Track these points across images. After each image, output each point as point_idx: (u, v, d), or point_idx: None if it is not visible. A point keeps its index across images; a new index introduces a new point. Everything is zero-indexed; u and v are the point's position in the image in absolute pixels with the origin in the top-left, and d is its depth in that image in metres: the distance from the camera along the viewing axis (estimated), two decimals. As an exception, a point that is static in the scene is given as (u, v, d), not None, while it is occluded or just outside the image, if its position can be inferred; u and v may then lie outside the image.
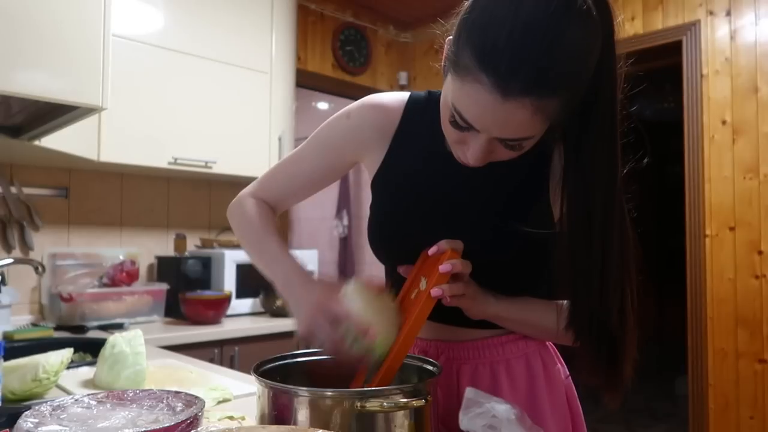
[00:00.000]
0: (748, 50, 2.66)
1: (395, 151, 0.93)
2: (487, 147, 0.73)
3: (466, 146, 0.76)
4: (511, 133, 0.70)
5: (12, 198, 2.32)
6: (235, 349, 2.31)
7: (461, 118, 0.71)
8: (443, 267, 0.77)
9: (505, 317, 0.88)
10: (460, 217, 0.89)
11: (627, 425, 4.14)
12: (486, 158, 0.76)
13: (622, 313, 0.78)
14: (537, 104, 0.66)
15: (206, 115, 2.52)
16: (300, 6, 3.24)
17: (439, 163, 0.88)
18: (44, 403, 0.74)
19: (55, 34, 1.37)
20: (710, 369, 2.73)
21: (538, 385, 0.92)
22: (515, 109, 0.67)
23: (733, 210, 2.69)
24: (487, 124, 0.70)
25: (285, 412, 0.73)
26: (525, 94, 0.65)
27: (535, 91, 0.65)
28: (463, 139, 0.75)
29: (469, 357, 0.93)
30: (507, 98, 0.66)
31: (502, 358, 0.92)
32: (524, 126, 0.69)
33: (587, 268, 0.77)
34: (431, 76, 3.86)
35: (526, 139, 0.72)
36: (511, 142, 0.72)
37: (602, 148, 0.75)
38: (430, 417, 0.76)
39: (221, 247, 2.70)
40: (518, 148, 0.73)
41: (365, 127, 0.94)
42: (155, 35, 2.37)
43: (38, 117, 1.68)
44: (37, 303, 2.38)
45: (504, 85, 0.65)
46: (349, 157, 0.98)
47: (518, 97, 0.66)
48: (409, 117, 0.93)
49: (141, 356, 1.24)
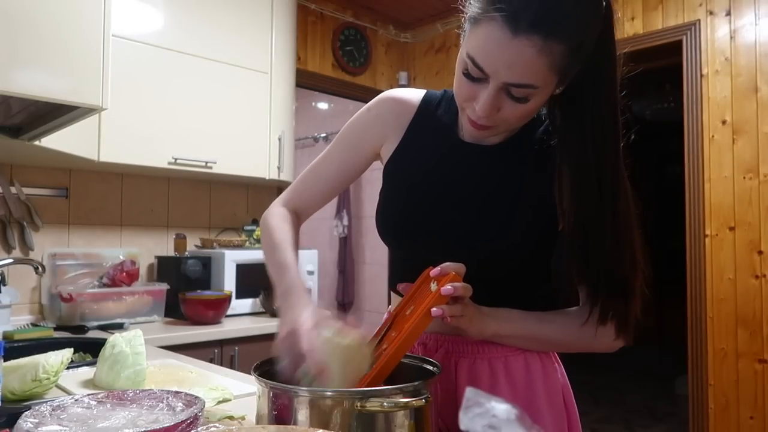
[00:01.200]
0: (748, 50, 2.66)
1: (409, 139, 0.99)
2: (495, 99, 0.78)
3: (476, 101, 0.80)
4: (518, 76, 0.75)
5: (12, 198, 2.32)
6: (235, 349, 2.31)
7: (474, 64, 0.77)
8: (445, 289, 0.78)
9: (504, 335, 0.90)
10: (467, 209, 0.92)
11: (627, 425, 4.14)
12: (493, 115, 0.80)
13: (633, 259, 0.84)
14: (542, 43, 0.72)
15: (206, 115, 2.52)
16: (300, 6, 3.24)
17: (449, 152, 0.94)
18: (44, 403, 0.74)
19: (55, 34, 1.37)
20: (710, 369, 2.73)
21: (536, 383, 0.92)
22: (523, 47, 0.73)
23: (733, 210, 2.69)
24: (496, 65, 0.75)
25: (285, 412, 0.73)
26: (533, 29, 0.72)
27: (543, 27, 0.72)
28: (473, 93, 0.80)
29: (468, 352, 0.94)
30: (516, 34, 0.73)
31: (501, 355, 0.93)
32: (530, 68, 0.74)
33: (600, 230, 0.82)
34: (431, 76, 3.86)
35: (532, 88, 0.76)
36: (517, 92, 0.77)
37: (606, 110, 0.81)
38: (431, 417, 0.76)
39: (221, 247, 2.70)
40: (524, 101, 0.78)
41: (384, 116, 1.01)
42: (155, 35, 2.37)
43: (38, 117, 1.68)
44: (37, 303, 2.38)
45: (514, 20, 0.72)
46: (370, 147, 1.03)
47: (526, 34, 0.72)
48: (425, 108, 0.99)
49: (141, 356, 1.24)
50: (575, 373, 1.13)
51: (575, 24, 0.74)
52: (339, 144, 1.05)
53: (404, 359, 0.90)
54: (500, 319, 0.88)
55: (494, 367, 0.92)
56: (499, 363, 0.92)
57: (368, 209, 4.40)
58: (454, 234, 0.91)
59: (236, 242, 2.78)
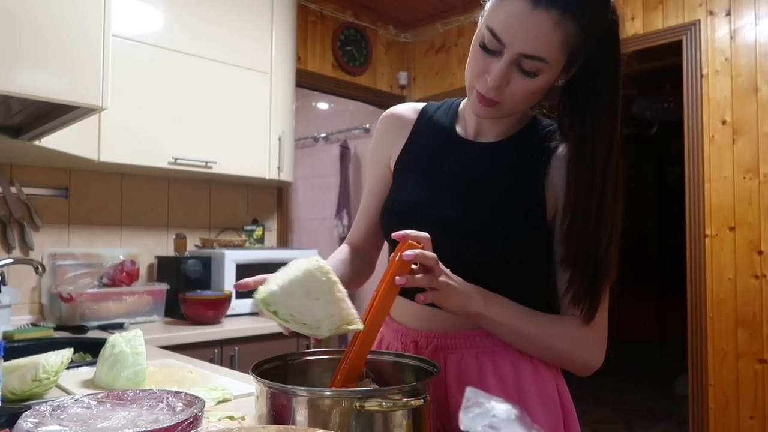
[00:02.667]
0: (748, 50, 2.66)
1: (411, 142, 1.05)
2: (507, 71, 0.83)
3: (488, 74, 0.84)
4: (533, 47, 0.80)
5: (12, 198, 2.32)
6: (235, 349, 2.31)
7: (492, 34, 0.82)
8: (406, 255, 0.76)
9: (489, 317, 0.87)
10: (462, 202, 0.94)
11: (627, 425, 4.14)
12: (503, 87, 0.84)
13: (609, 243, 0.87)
14: (558, 19, 0.79)
15: (206, 115, 2.52)
16: (300, 6, 3.24)
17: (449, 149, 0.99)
18: (44, 403, 0.74)
19: (55, 34, 1.37)
20: (710, 369, 2.73)
21: (526, 379, 0.92)
22: (541, 19, 0.79)
23: (733, 210, 2.69)
24: (514, 34, 0.81)
25: (284, 412, 0.73)
26: (552, 4, 0.78)
27: (560, 3, 0.78)
28: (486, 66, 0.85)
29: (456, 346, 0.94)
30: (537, 6, 0.79)
31: (489, 350, 0.93)
32: (544, 40, 0.80)
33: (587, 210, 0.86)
34: (431, 76, 3.86)
35: (543, 62, 0.81)
36: (528, 65, 0.82)
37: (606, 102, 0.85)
38: (429, 416, 0.76)
39: (221, 247, 2.70)
40: (533, 75, 0.83)
41: (389, 132, 1.09)
42: (155, 35, 2.37)
43: (38, 117, 1.68)
44: (37, 303, 2.39)
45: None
46: (386, 164, 1.09)
47: (545, 7, 0.79)
48: (424, 115, 1.06)
49: (141, 356, 1.24)
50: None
51: (588, 7, 0.81)
52: (368, 176, 1.15)
53: (402, 359, 0.90)
54: (489, 298, 0.87)
55: (481, 362, 0.92)
56: (486, 358, 0.92)
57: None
58: (452, 230, 0.92)
59: (236, 242, 2.78)
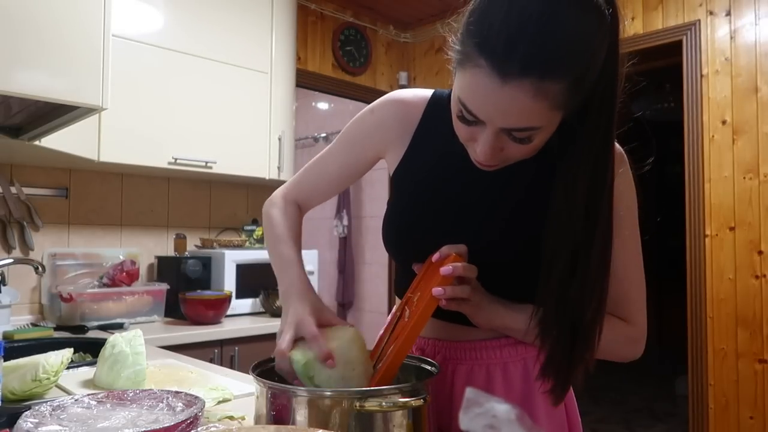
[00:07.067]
0: (748, 50, 2.66)
1: (416, 147, 0.94)
2: (496, 141, 0.73)
3: (477, 143, 0.76)
4: (515, 122, 0.70)
5: (12, 198, 2.32)
6: (235, 349, 2.31)
7: (466, 109, 0.72)
8: (444, 269, 0.77)
9: (515, 329, 0.86)
10: (469, 217, 0.89)
11: (627, 425, 4.14)
12: (497, 155, 0.76)
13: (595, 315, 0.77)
14: (537, 87, 0.66)
15: (206, 115, 2.52)
16: (300, 6, 3.24)
17: (456, 161, 0.88)
18: (44, 403, 0.74)
19: (55, 34, 1.37)
20: (710, 369, 2.73)
21: (534, 390, 0.89)
22: (515, 93, 0.67)
23: (733, 210, 2.69)
24: (489, 112, 0.70)
25: (284, 412, 0.73)
26: (523, 74, 0.65)
27: (533, 71, 0.65)
28: (472, 135, 0.76)
29: (466, 358, 0.92)
30: (506, 81, 0.66)
31: (499, 361, 0.90)
32: (527, 113, 0.69)
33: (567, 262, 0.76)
34: (431, 76, 3.86)
35: (533, 130, 0.71)
36: (518, 134, 0.72)
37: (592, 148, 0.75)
38: (429, 417, 0.76)
39: (221, 247, 2.70)
40: (527, 141, 0.73)
41: (388, 121, 0.96)
42: (155, 35, 2.37)
43: (38, 117, 1.68)
44: (37, 303, 2.38)
45: (502, 67, 0.66)
46: (372, 152, 0.99)
47: (517, 79, 0.66)
48: (431, 113, 0.94)
49: (141, 356, 1.24)
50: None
51: (573, 57, 0.67)
52: (342, 144, 1.02)
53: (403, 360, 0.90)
54: (514, 311, 0.85)
55: (492, 374, 0.90)
56: (497, 369, 0.90)
57: (368, 209, 4.40)
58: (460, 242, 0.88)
59: (236, 242, 2.78)
